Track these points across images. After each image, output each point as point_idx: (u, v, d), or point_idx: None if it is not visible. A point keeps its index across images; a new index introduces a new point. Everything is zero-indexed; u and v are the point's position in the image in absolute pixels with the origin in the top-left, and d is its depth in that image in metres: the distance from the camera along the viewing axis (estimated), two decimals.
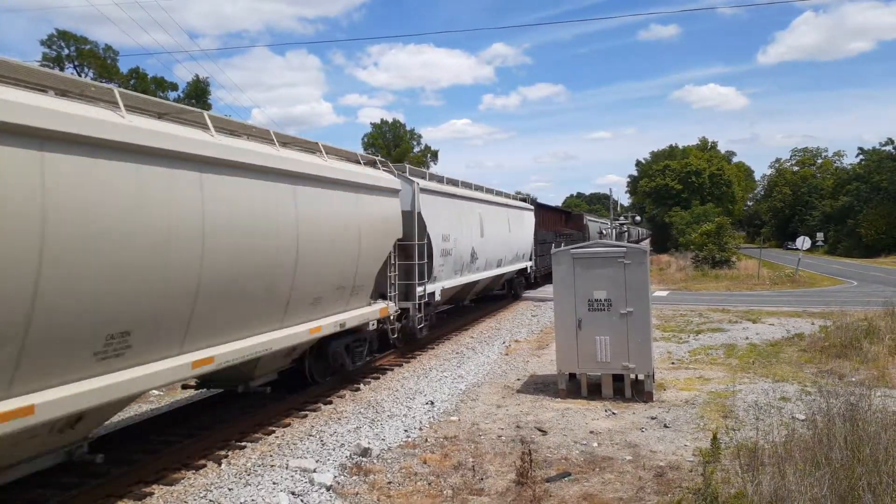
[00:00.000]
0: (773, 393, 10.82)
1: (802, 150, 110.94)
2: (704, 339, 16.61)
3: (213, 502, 6.76)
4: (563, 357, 11.08)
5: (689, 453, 8.10)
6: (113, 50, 56.58)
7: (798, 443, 6.94)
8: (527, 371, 13.22)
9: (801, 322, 18.94)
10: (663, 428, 9.21)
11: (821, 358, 13.58)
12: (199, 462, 8.00)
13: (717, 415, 9.71)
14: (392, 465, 7.95)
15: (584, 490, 7.06)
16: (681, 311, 22.10)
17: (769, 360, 13.68)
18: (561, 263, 11.17)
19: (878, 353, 13.13)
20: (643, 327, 10.72)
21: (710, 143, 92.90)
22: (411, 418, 9.93)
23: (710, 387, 11.46)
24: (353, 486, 7.30)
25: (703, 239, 43.57)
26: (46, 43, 53.18)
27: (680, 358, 14.20)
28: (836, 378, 11.67)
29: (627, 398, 10.66)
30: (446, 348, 16.18)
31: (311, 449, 8.49)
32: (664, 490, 6.97)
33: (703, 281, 35.23)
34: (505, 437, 8.91)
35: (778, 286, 32.92)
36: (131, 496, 6.97)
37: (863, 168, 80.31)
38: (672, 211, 72.68)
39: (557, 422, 9.60)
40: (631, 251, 11.05)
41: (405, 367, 13.94)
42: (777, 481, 5.58)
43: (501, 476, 7.48)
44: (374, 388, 11.95)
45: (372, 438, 8.92)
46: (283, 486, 7.17)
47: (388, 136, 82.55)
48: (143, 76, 56.70)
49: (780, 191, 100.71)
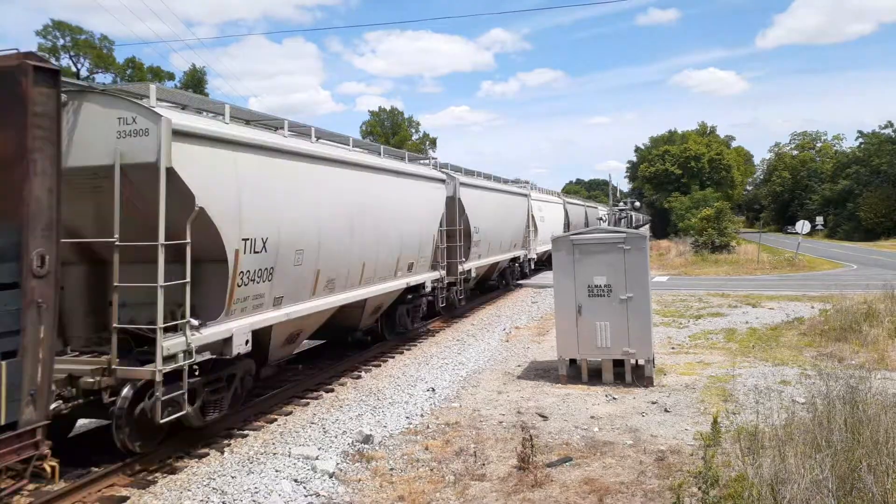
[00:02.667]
0: (774, 376, 10.86)
1: (802, 133, 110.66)
2: (704, 323, 16.64)
3: (217, 490, 6.80)
4: (564, 343, 11.10)
5: (690, 437, 8.13)
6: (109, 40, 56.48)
7: (798, 426, 6.97)
8: (527, 357, 13.25)
9: (801, 306, 18.98)
10: (664, 412, 9.24)
11: (821, 341, 13.61)
12: (202, 450, 8.04)
13: (718, 399, 9.75)
14: (394, 452, 7.98)
15: (586, 474, 7.10)
16: (680, 296, 22.13)
17: (769, 344, 13.72)
18: (561, 249, 11.17)
19: (878, 336, 13.17)
20: (643, 312, 10.74)
21: (709, 128, 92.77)
22: (413, 405, 9.97)
23: (711, 371, 11.50)
24: (355, 473, 7.34)
25: (702, 224, 43.53)
26: (42, 33, 52.97)
27: (680, 343, 14.23)
28: (836, 361, 11.70)
29: (628, 383, 10.70)
30: (447, 335, 16.21)
31: (313, 436, 8.52)
32: (665, 474, 7.01)
33: (702, 266, 35.23)
34: (506, 423, 8.95)
35: (778, 270, 32.93)
36: (135, 485, 7.01)
37: (862, 151, 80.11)
38: (671, 196, 72.60)
39: (558, 407, 9.64)
40: (630, 237, 11.05)
41: (406, 354, 13.97)
42: (777, 464, 5.61)
43: (503, 461, 7.51)
44: (375, 376, 11.98)
45: (374, 425, 8.95)
46: (286, 473, 7.21)
47: (387, 124, 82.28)
48: (140, 66, 56.47)
49: (779, 175, 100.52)
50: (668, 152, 80.00)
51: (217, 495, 6.68)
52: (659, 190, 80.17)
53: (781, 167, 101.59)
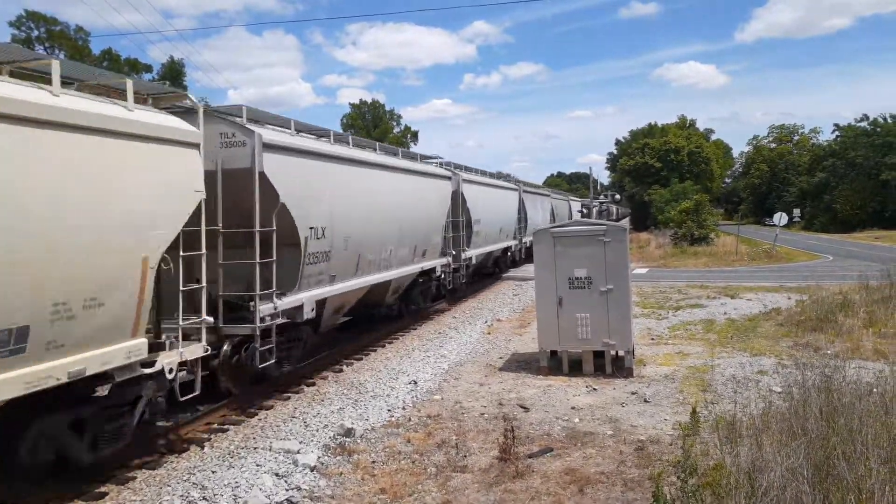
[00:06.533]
0: (751, 367, 11.00)
1: (779, 127, 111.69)
2: (683, 315, 16.80)
3: (197, 485, 6.76)
4: (545, 335, 11.16)
5: (669, 427, 8.22)
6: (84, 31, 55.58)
7: (775, 415, 7.07)
8: (509, 349, 13.30)
9: (778, 297, 19.22)
10: (643, 403, 9.33)
11: (797, 332, 13.81)
12: (182, 445, 7.98)
13: (696, 389, 9.86)
14: (376, 445, 7.98)
15: (567, 465, 7.15)
16: (660, 287, 22.32)
17: (747, 335, 13.89)
18: (541, 242, 11.21)
19: (853, 326, 13.39)
20: (623, 304, 10.82)
21: (688, 121, 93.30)
22: (394, 398, 9.97)
23: (689, 362, 11.62)
24: (337, 466, 7.33)
25: (681, 216, 43.86)
26: (16, 24, 51.89)
27: (659, 334, 14.36)
28: (812, 351, 11.88)
29: (608, 374, 10.78)
30: (429, 328, 16.22)
31: (294, 430, 8.49)
32: (645, 463, 7.08)
33: (681, 258, 35.55)
34: (488, 415, 8.98)
35: (756, 262, 33.32)
36: (113, 480, 6.93)
37: (838, 144, 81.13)
38: (651, 189, 73.05)
39: (539, 399, 9.69)
40: (611, 229, 11.11)
41: (388, 347, 13.96)
42: (755, 452, 5.69)
43: (484, 453, 7.54)
44: (356, 370, 11.96)
45: (355, 419, 8.94)
46: (267, 467, 7.18)
47: (368, 117, 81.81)
48: (116, 58, 55.56)
49: (757, 168, 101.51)
50: (647, 145, 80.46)
51: (197, 490, 6.64)
52: (639, 183, 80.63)
53: (759, 160, 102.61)
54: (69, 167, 5.84)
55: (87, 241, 5.94)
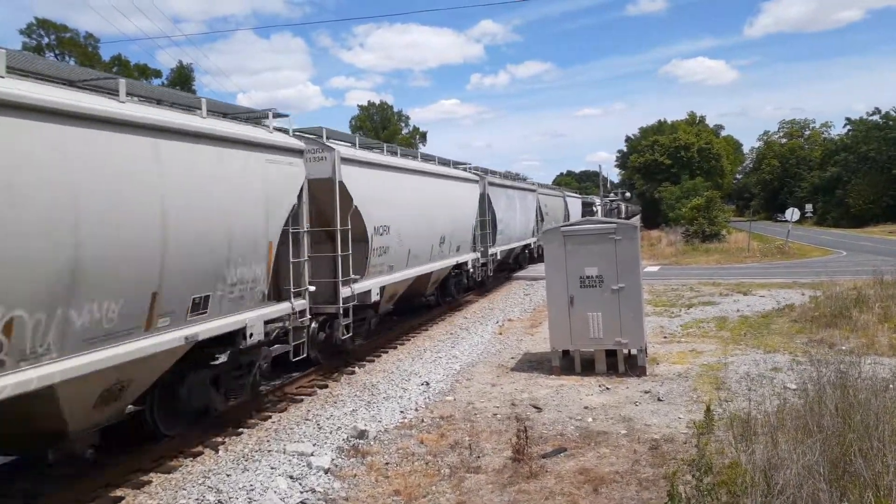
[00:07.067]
0: (765, 364, 10.93)
1: (790, 121, 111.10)
2: (696, 312, 16.72)
3: (212, 489, 6.79)
4: (556, 334, 11.13)
5: (683, 425, 8.18)
6: (94, 37, 55.76)
7: (790, 412, 7.02)
8: (520, 349, 13.28)
9: (792, 293, 19.08)
10: (657, 401, 9.29)
11: (811, 328, 13.70)
12: (197, 449, 8.02)
13: (710, 387, 9.80)
14: (389, 447, 7.99)
15: (580, 465, 7.13)
16: (672, 285, 22.21)
17: (760, 332, 13.79)
18: (552, 241, 11.18)
19: (868, 322, 13.26)
20: (635, 302, 10.77)
21: (698, 118, 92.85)
22: (407, 399, 9.98)
23: (703, 359, 11.56)
24: (350, 469, 7.34)
25: (692, 213, 43.61)
26: (26, 32, 52.39)
27: (672, 332, 14.30)
28: (827, 347, 11.78)
29: (621, 373, 10.74)
30: (440, 329, 16.23)
31: (307, 433, 8.52)
32: (659, 462, 7.05)
33: (693, 255, 35.35)
34: (500, 416, 8.97)
35: (768, 258, 33.07)
36: (129, 485, 6.98)
37: (850, 138, 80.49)
38: (661, 186, 72.72)
39: (552, 398, 9.67)
40: (621, 227, 11.07)
41: (399, 349, 13.98)
42: (770, 450, 5.65)
43: (498, 453, 7.53)
44: (368, 371, 11.98)
45: (368, 420, 8.96)
46: (281, 470, 7.20)
47: (376, 119, 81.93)
48: (126, 63, 55.93)
49: (768, 163, 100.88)
50: (657, 142, 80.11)
51: (212, 493, 6.67)
52: (649, 180, 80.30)
53: (770, 155, 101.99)
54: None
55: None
